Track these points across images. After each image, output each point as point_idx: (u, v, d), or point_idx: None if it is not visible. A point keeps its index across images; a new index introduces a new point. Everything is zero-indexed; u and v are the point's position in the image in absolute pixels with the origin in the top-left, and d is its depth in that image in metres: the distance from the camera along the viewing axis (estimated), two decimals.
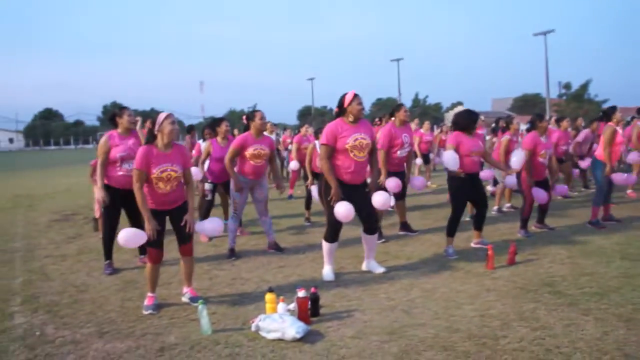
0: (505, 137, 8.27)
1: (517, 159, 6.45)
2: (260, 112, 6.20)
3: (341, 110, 5.08)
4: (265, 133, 6.40)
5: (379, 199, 5.32)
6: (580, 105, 45.68)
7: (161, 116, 4.40)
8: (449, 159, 5.77)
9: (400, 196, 6.99)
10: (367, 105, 72.43)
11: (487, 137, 10.81)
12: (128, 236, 4.34)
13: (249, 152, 6.05)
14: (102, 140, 5.64)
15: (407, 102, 67.61)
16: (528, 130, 7.04)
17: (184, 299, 4.65)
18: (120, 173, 5.56)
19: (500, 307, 4.28)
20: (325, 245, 5.27)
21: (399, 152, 6.62)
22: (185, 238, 4.53)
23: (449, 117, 60.12)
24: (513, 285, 4.82)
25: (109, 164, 5.57)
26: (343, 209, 4.89)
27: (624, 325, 3.83)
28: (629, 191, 10.23)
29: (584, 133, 10.76)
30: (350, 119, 5.03)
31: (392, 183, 6.39)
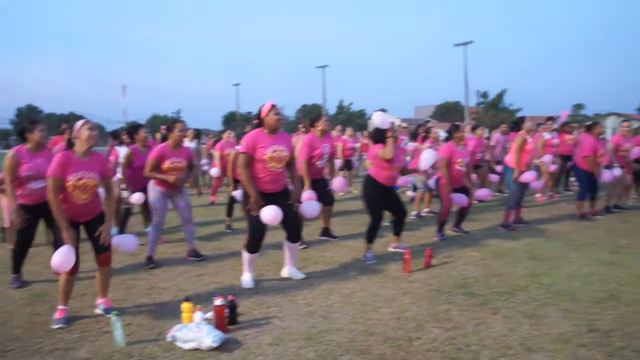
0: (426, 144, 8.57)
1: (427, 157, 6.65)
2: (181, 123, 6.09)
3: (260, 121, 5.08)
4: (186, 141, 6.28)
5: (308, 208, 5.35)
6: (497, 113, 48.03)
7: (78, 123, 4.31)
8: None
9: (328, 201, 7.04)
10: (292, 111, 72.70)
11: (409, 144, 11.12)
12: (60, 259, 4.03)
13: (165, 165, 5.95)
14: (9, 156, 5.20)
15: (332, 108, 68.51)
16: (446, 140, 7.32)
17: (98, 311, 4.48)
18: (27, 192, 5.22)
19: (416, 309, 4.41)
20: (245, 255, 5.22)
21: (318, 163, 6.67)
22: (102, 247, 4.38)
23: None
24: (428, 288, 4.98)
25: (15, 182, 5.20)
26: (270, 212, 4.86)
27: (527, 322, 4.07)
28: (537, 195, 10.85)
29: (495, 137, 11.39)
30: (268, 129, 5.04)
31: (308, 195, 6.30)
